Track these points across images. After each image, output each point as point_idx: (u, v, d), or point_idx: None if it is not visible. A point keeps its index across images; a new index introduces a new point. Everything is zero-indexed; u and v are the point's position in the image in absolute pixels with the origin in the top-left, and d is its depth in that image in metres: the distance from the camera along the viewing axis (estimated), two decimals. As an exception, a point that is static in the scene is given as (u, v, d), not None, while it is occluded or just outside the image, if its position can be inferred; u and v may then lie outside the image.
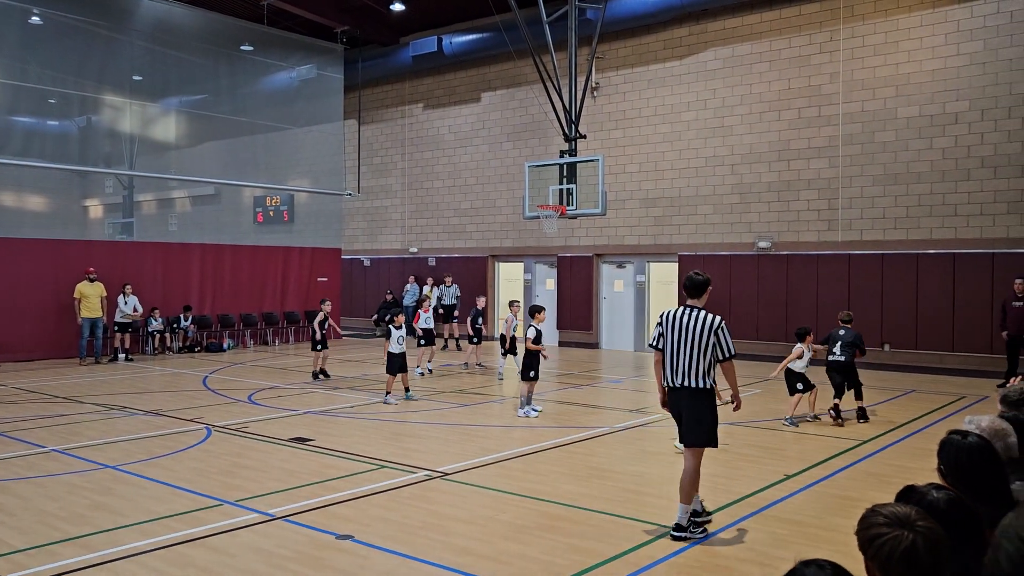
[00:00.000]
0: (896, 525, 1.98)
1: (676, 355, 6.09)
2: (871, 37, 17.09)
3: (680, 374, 6.09)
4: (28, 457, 8.60)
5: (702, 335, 6.03)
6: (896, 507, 2.04)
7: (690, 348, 6.04)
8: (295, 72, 23.24)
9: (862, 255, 17.19)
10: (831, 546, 5.82)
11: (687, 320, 6.10)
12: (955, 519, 2.45)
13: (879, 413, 11.53)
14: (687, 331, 6.06)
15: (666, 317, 6.23)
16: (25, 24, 18.00)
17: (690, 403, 6.08)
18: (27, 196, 20.74)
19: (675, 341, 6.10)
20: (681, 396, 6.12)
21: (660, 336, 6.23)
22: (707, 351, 6.03)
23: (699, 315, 6.12)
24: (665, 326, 6.20)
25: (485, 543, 5.89)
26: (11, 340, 17.20)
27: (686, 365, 6.05)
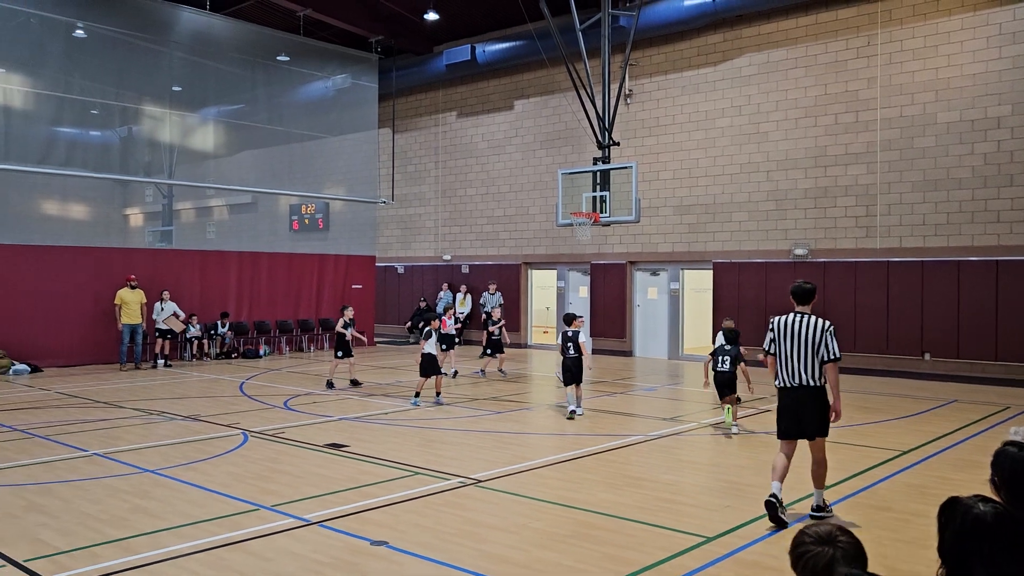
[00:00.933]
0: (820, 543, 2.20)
1: (793, 357, 6.65)
2: (910, 41, 16.85)
3: (798, 374, 6.64)
4: (70, 460, 8.77)
5: (815, 337, 6.61)
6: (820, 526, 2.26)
7: (805, 350, 6.61)
8: (330, 82, 23.50)
9: (901, 262, 16.92)
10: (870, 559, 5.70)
11: (800, 325, 6.69)
12: (1003, 533, 2.39)
13: (920, 422, 11.32)
14: (801, 335, 6.65)
15: (778, 323, 6.80)
16: (69, 38, 18.43)
17: (810, 399, 6.62)
18: (70, 205, 21.21)
19: (791, 344, 6.67)
20: (800, 394, 6.64)
21: (772, 341, 6.80)
22: (819, 352, 6.60)
23: (811, 320, 6.71)
24: (777, 332, 6.77)
25: (519, 551, 5.88)
26: (55, 345, 17.57)
27: (803, 366, 6.62)
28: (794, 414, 6.68)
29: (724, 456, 9.26)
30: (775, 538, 6.18)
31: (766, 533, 6.29)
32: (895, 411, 12.27)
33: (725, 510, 6.95)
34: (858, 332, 17.35)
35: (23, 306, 17.18)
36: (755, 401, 13.00)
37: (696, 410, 12.67)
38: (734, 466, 8.65)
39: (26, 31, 17.63)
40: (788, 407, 6.73)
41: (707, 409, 12.69)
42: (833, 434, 10.23)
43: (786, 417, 6.75)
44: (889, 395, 13.99)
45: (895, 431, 10.68)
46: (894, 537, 6.25)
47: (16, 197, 18.88)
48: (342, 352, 14.70)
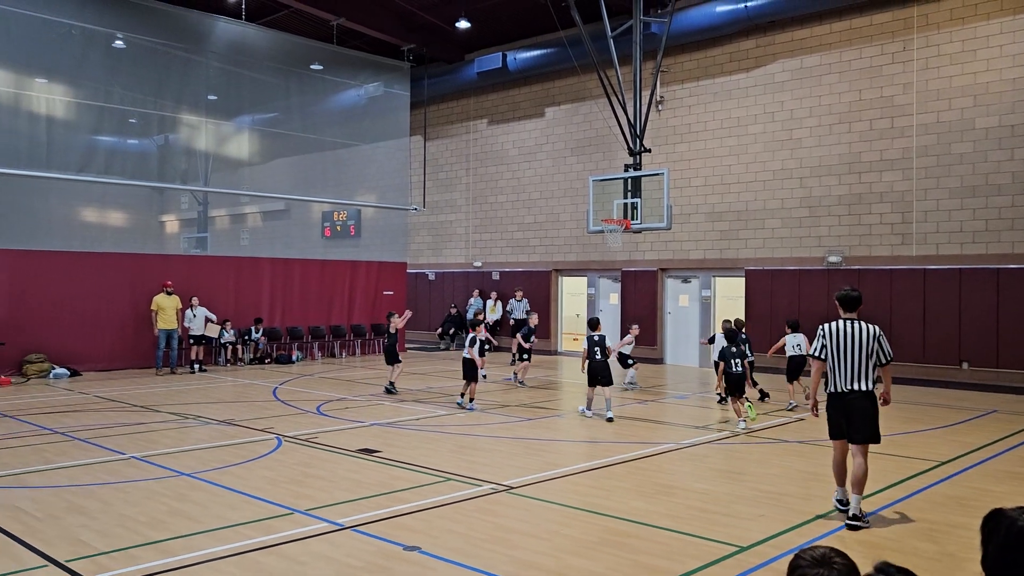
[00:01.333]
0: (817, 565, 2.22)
1: (845, 363, 6.82)
2: (947, 46, 16.62)
3: (850, 379, 6.81)
4: (109, 463, 8.92)
5: (867, 343, 6.81)
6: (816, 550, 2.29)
7: (858, 355, 6.79)
8: (363, 90, 23.72)
9: (938, 270, 16.67)
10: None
11: (852, 331, 6.85)
12: None
13: (959, 433, 11.13)
14: (853, 340, 6.81)
15: (830, 330, 6.96)
16: (109, 48, 18.80)
17: (861, 404, 6.79)
18: (109, 212, 21.57)
19: (843, 350, 6.83)
20: (852, 399, 6.80)
21: (824, 347, 6.96)
22: (872, 357, 6.80)
23: (861, 325, 6.89)
24: (829, 338, 6.93)
25: (551, 557, 5.88)
26: (93, 350, 17.89)
27: (855, 371, 6.79)
28: (845, 419, 6.85)
29: (757, 465, 9.17)
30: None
31: (802, 543, 6.22)
32: (933, 421, 12.09)
33: (759, 519, 6.89)
34: (894, 341, 16.97)
35: (63, 311, 17.52)
36: (788, 410, 12.87)
37: (728, 418, 12.57)
38: (767, 475, 8.57)
39: (68, 42, 18.02)
40: (839, 412, 6.89)
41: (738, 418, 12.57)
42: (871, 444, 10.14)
43: (837, 421, 6.93)
44: (927, 405, 13.78)
45: (933, 441, 10.51)
46: (934, 549, 6.15)
47: (57, 204, 19.27)
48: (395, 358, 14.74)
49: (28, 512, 6.92)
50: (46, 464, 8.83)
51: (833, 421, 6.97)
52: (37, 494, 7.56)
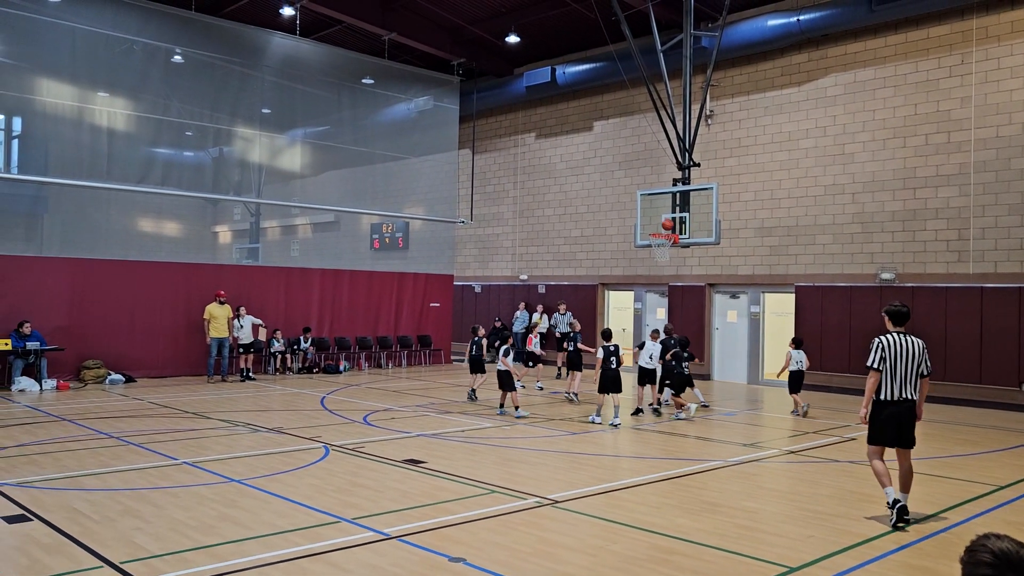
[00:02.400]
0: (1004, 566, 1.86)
1: (902, 373, 7.31)
2: (1007, 59, 16.24)
3: (904, 389, 7.33)
4: (162, 468, 9.12)
5: (918, 355, 7.35)
6: (1001, 543, 1.92)
7: (911, 367, 7.33)
8: (413, 104, 24.01)
9: (996, 288, 16.23)
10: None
11: (907, 344, 7.37)
12: None
13: (1018, 456, 10.79)
14: (907, 352, 7.33)
15: (888, 342, 7.40)
16: (168, 63, 19.35)
17: (910, 412, 7.36)
18: (164, 222, 22.13)
19: (901, 361, 7.33)
20: (905, 407, 7.35)
21: (883, 359, 7.37)
22: (920, 368, 7.35)
23: (913, 339, 7.42)
24: (888, 350, 7.37)
25: (596, 573, 5.85)
26: (147, 357, 18.33)
27: (908, 381, 7.33)
28: (897, 425, 7.33)
29: (807, 484, 9.01)
30: (862, 571, 5.98)
31: (853, 566, 6.09)
32: (990, 443, 11.75)
33: (808, 540, 6.77)
34: (949, 360, 16.69)
35: (120, 319, 18.00)
36: (838, 429, 12.65)
37: (777, 436, 12.38)
38: (817, 495, 8.41)
39: (130, 57, 18.60)
40: (892, 418, 7.34)
41: (786, 436, 12.39)
42: (925, 466, 9.94)
43: (890, 427, 7.36)
44: (983, 427, 13.40)
45: (990, 464, 10.21)
46: None
47: (116, 215, 19.83)
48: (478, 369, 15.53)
49: (85, 514, 7.11)
50: (102, 467, 9.06)
51: (885, 428, 7.38)
52: (93, 496, 7.76)
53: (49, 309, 17.01)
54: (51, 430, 11.51)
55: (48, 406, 13.99)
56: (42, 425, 11.95)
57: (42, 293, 17.02)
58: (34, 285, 16.96)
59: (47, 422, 12.24)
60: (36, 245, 18.56)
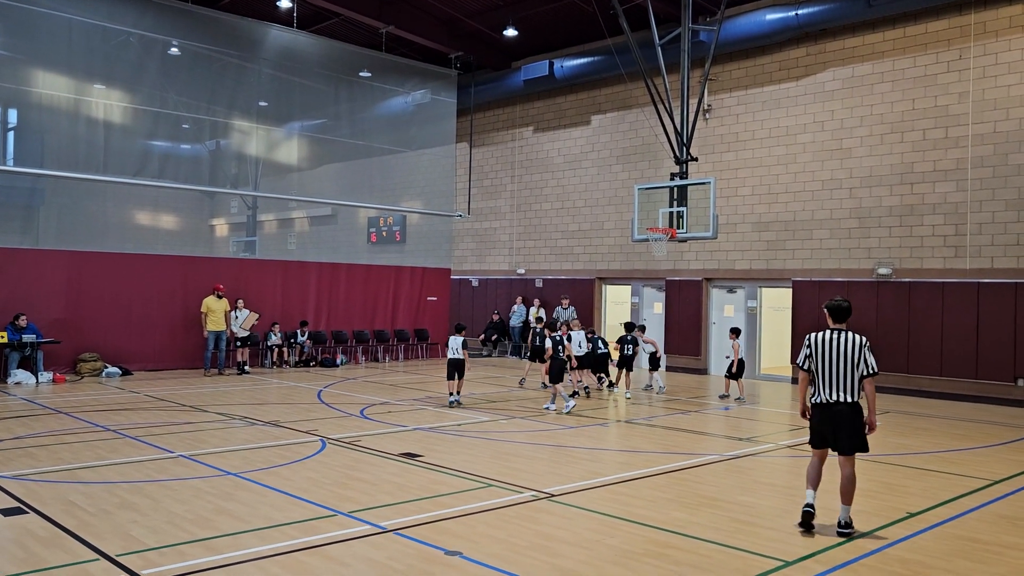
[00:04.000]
0: None
1: (831, 373, 6.81)
2: (1005, 54, 16.24)
3: (836, 390, 6.79)
4: (158, 461, 9.12)
5: (853, 353, 6.78)
6: None
7: (844, 366, 6.78)
8: (410, 97, 23.96)
9: (993, 283, 16.25)
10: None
11: (838, 341, 6.85)
12: None
13: (1013, 451, 10.82)
14: (840, 351, 6.81)
15: (815, 340, 6.95)
16: (165, 55, 19.28)
17: (848, 415, 6.77)
18: (161, 215, 22.10)
19: (829, 360, 6.83)
20: (837, 410, 6.79)
21: (808, 357, 6.96)
22: (857, 367, 6.77)
23: (848, 336, 6.87)
24: (815, 348, 6.91)
25: (592, 567, 5.86)
26: (144, 350, 18.31)
27: (841, 382, 6.78)
28: (829, 429, 6.85)
29: (802, 479, 9.00)
30: (857, 565, 6.00)
31: (848, 560, 6.12)
32: (986, 439, 11.78)
33: (804, 534, 6.79)
34: (945, 355, 16.72)
35: (116, 311, 17.97)
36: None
37: (773, 431, 12.40)
38: (813, 490, 8.42)
39: (126, 49, 18.52)
40: (823, 422, 6.88)
41: (785, 430, 12.42)
42: (921, 461, 9.96)
43: (820, 431, 6.93)
44: (979, 422, 13.44)
45: (986, 459, 10.24)
46: (984, 570, 5.99)
47: (113, 207, 19.78)
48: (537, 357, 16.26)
49: (81, 507, 7.11)
50: (98, 460, 9.06)
51: (817, 431, 6.98)
52: (89, 489, 7.76)
53: (45, 302, 16.98)
54: (47, 423, 11.50)
55: (44, 399, 13.97)
56: (38, 418, 11.94)
57: (38, 286, 16.99)
58: (30, 278, 16.92)
59: (43, 415, 12.23)
60: (32, 237, 18.51)
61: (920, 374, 17.01)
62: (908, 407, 14.97)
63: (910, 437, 11.77)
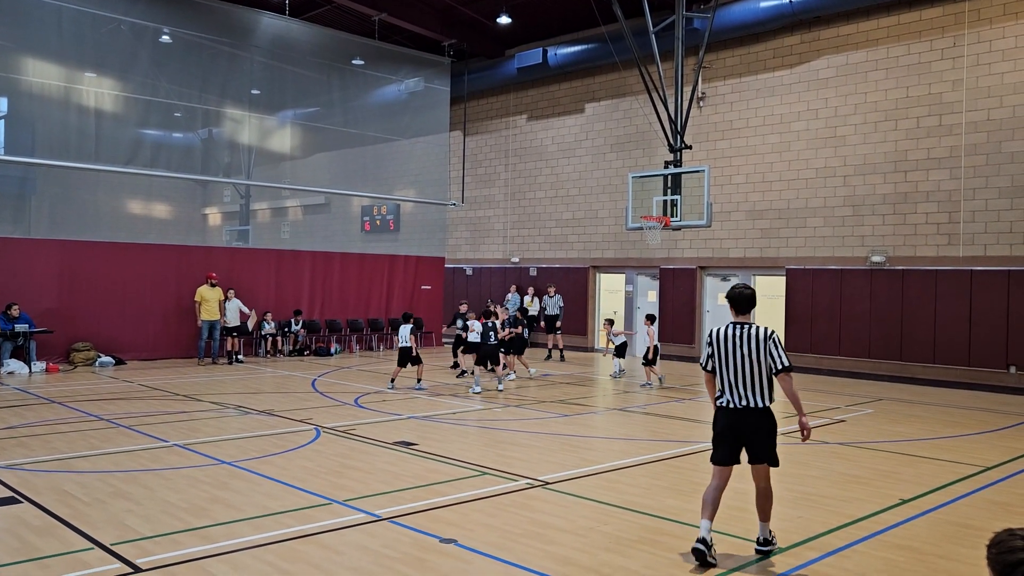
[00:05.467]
0: None
1: (736, 373, 5.81)
2: (999, 42, 16.24)
3: (742, 394, 5.81)
4: (153, 450, 9.10)
5: (758, 349, 5.76)
6: None
7: (749, 364, 5.77)
8: (403, 85, 23.86)
9: (986, 271, 16.30)
10: (952, 576, 5.54)
11: (741, 336, 5.82)
12: None
13: (1005, 438, 10.88)
14: (743, 348, 5.79)
15: (716, 336, 5.93)
16: (156, 43, 19.15)
17: (755, 422, 5.82)
18: (154, 204, 22.00)
19: (732, 359, 5.82)
20: (746, 416, 5.82)
21: (710, 357, 5.95)
22: (764, 365, 5.77)
23: (752, 329, 5.84)
24: (717, 346, 5.89)
25: (587, 554, 5.88)
26: (137, 339, 18.27)
27: (748, 383, 5.79)
28: (736, 439, 5.88)
29: (796, 466, 9.06)
30: (850, 551, 6.03)
31: (841, 546, 6.15)
32: (978, 425, 11.84)
33: (797, 520, 6.82)
34: (938, 343, 16.79)
35: (109, 301, 17.91)
36: (827, 411, 12.73)
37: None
38: (807, 476, 8.47)
39: (117, 37, 18.39)
40: (729, 431, 5.88)
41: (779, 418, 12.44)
42: (914, 448, 10.00)
43: (726, 442, 5.92)
44: (971, 409, 13.50)
45: (978, 446, 10.30)
46: (977, 555, 6.03)
47: (105, 196, 19.68)
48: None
49: (75, 496, 7.10)
50: (92, 450, 9.04)
51: (722, 444, 5.94)
52: (84, 479, 7.74)
53: (38, 291, 16.91)
54: (41, 412, 11.47)
55: (37, 388, 13.93)
56: (32, 407, 11.91)
57: (30, 275, 16.91)
58: (22, 267, 16.85)
59: (37, 404, 12.20)
60: (24, 227, 18.42)
61: (913, 361, 17.07)
62: (901, 394, 15.04)
63: (903, 424, 11.82)
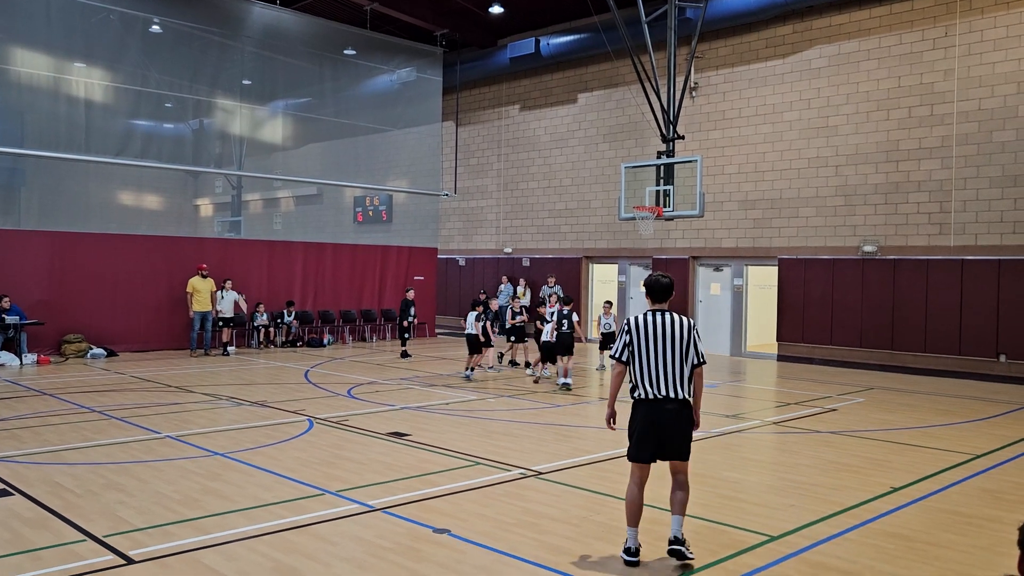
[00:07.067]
0: None
1: (658, 363, 5.55)
2: (991, 31, 16.26)
3: (664, 384, 5.55)
4: (145, 442, 9.09)
5: (683, 339, 5.58)
6: None
7: (673, 355, 5.56)
8: (395, 75, 23.77)
9: (976, 260, 16.37)
10: (942, 563, 5.58)
11: (663, 324, 5.60)
12: None
13: (995, 426, 10.95)
14: (667, 336, 5.57)
15: (635, 324, 5.66)
16: (146, 33, 19.02)
17: (677, 415, 5.57)
18: (145, 195, 21.89)
19: (655, 349, 5.56)
20: (664, 408, 5.54)
21: (627, 346, 5.64)
22: (687, 357, 5.59)
23: (674, 318, 5.64)
24: (636, 334, 5.61)
25: (579, 543, 5.90)
26: (129, 331, 18.22)
27: (670, 374, 5.55)
28: (658, 433, 5.56)
29: (788, 455, 9.11)
30: (841, 539, 6.07)
31: (832, 534, 6.18)
32: (969, 414, 11.91)
33: (789, 509, 6.86)
34: (929, 332, 16.86)
35: (100, 292, 17.84)
36: (819, 401, 12.78)
37: (759, 408, 12.49)
38: (798, 465, 8.51)
39: (106, 27, 18.24)
40: (651, 425, 5.55)
41: (769, 407, 12.51)
42: (906, 437, 10.06)
43: (649, 437, 5.57)
44: (962, 397, 13.58)
45: (968, 434, 10.36)
46: (967, 543, 6.07)
47: (95, 188, 19.57)
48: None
49: (67, 488, 7.08)
50: (84, 442, 9.02)
51: (642, 437, 5.58)
52: (76, 471, 7.73)
53: (29, 283, 16.83)
54: (32, 404, 11.44)
55: (29, 380, 13.89)
56: (23, 399, 11.87)
57: (21, 267, 16.83)
58: (13, 259, 16.76)
59: (28, 396, 12.16)
60: (14, 218, 18.31)
61: (904, 350, 17.15)
62: (892, 383, 15.11)
63: (894, 413, 11.88)
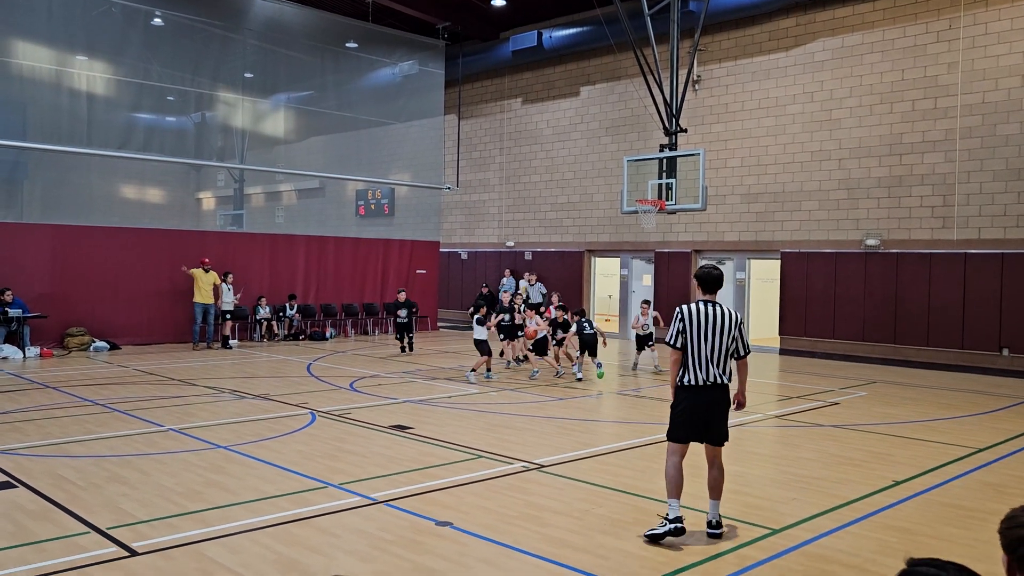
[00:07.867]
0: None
1: (708, 351, 5.86)
2: (995, 24, 16.19)
3: (711, 372, 5.87)
4: (148, 435, 9.10)
5: (730, 330, 5.90)
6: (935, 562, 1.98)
7: (720, 344, 5.87)
8: (397, 68, 23.72)
9: (980, 254, 16.34)
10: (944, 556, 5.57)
11: (714, 315, 5.90)
12: None
13: (998, 420, 10.94)
14: (716, 326, 5.88)
15: (690, 313, 5.93)
16: (148, 26, 18.99)
17: (722, 400, 5.96)
18: (147, 188, 21.91)
19: (705, 337, 5.86)
20: (713, 394, 5.91)
21: (681, 333, 5.92)
22: (732, 346, 5.92)
23: (723, 310, 5.96)
24: (690, 323, 5.90)
25: (582, 536, 5.90)
26: (131, 324, 18.23)
27: (716, 361, 5.87)
28: (704, 417, 5.93)
29: (790, 448, 9.11)
30: (843, 533, 6.07)
31: (834, 527, 6.18)
32: (971, 407, 11.90)
33: (791, 502, 6.86)
34: (932, 325, 16.84)
35: (103, 286, 17.85)
36: (822, 394, 12.77)
37: (761, 401, 12.49)
38: (800, 459, 8.51)
39: (108, 20, 18.23)
40: (698, 408, 5.92)
41: (772, 400, 12.51)
42: (908, 430, 10.05)
43: (694, 420, 5.94)
44: (964, 391, 13.56)
45: (971, 428, 10.35)
46: (969, 536, 6.07)
47: (98, 181, 19.58)
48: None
49: (71, 480, 7.10)
50: (87, 435, 9.04)
51: (689, 420, 5.95)
52: (79, 463, 7.75)
53: (31, 276, 16.85)
54: (35, 397, 11.46)
55: (32, 373, 13.91)
56: (26, 392, 11.89)
57: (24, 260, 16.84)
58: (15, 252, 16.77)
59: (31, 389, 12.18)
60: (16, 212, 18.33)
61: (907, 344, 17.14)
62: (895, 377, 15.09)
63: (896, 407, 11.88)
